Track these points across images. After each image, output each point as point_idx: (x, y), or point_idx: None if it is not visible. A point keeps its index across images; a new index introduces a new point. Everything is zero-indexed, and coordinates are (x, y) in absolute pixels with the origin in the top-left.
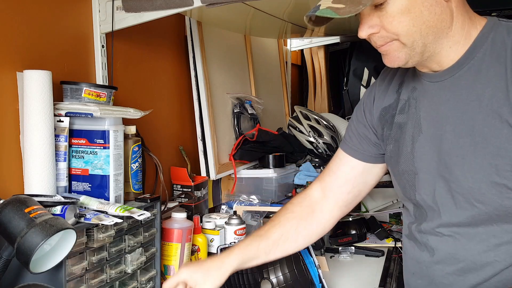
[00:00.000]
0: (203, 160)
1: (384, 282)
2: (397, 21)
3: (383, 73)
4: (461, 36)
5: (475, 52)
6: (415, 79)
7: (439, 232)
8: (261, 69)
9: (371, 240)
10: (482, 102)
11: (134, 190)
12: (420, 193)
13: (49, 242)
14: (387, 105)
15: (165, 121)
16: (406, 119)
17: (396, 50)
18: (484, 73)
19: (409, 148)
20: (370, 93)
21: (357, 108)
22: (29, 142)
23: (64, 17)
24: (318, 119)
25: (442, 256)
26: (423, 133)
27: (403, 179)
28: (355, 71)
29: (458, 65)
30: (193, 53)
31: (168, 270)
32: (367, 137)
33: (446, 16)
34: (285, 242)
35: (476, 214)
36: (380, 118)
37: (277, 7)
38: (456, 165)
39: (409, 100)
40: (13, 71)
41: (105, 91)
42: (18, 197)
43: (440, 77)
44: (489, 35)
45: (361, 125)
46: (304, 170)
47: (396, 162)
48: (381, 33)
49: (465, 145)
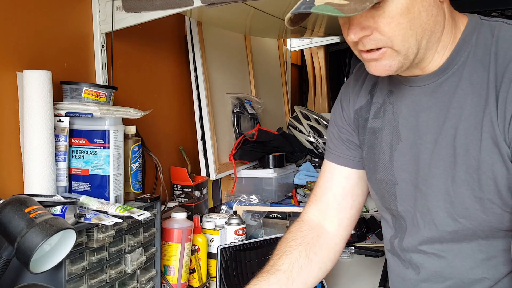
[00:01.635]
0: (203, 160)
1: (384, 282)
2: (395, 22)
3: (358, 70)
4: (449, 40)
5: (459, 55)
6: (391, 82)
7: (422, 249)
8: (261, 69)
9: (371, 240)
10: (464, 110)
11: (134, 190)
12: (402, 204)
13: (49, 242)
14: (359, 107)
15: (165, 121)
16: (382, 124)
17: (388, 58)
18: (467, 79)
19: (387, 156)
20: (346, 93)
21: (334, 111)
22: (29, 142)
23: (64, 17)
24: (318, 119)
25: (428, 274)
26: (402, 141)
27: (381, 189)
28: None
29: (441, 70)
30: (193, 53)
31: (168, 270)
32: (350, 141)
33: (441, 19)
34: (300, 272)
35: (459, 229)
36: (354, 121)
37: (277, 7)
38: (436, 177)
39: (384, 104)
40: (13, 71)
41: (105, 91)
42: (18, 197)
43: (421, 81)
44: (472, 36)
45: (342, 129)
46: (304, 170)
47: (373, 170)
48: (374, 36)
49: (446, 157)
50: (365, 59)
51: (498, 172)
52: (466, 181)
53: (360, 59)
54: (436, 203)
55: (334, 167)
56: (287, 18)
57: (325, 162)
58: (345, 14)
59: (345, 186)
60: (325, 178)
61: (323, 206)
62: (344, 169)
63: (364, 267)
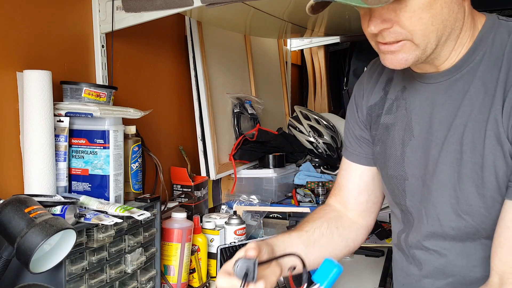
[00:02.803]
0: (203, 160)
1: (384, 282)
2: (417, 17)
3: (372, 67)
4: (467, 38)
5: (475, 54)
6: (405, 78)
7: (425, 246)
8: (261, 69)
9: (371, 240)
10: (474, 108)
11: (134, 190)
12: (411, 200)
13: (49, 242)
14: (373, 103)
15: (165, 121)
16: (394, 120)
17: (407, 51)
18: (480, 78)
19: (398, 152)
20: (359, 90)
21: (349, 108)
22: (29, 142)
23: (64, 17)
24: (318, 119)
25: (430, 270)
26: (415, 137)
27: (391, 184)
28: (355, 71)
29: (456, 67)
30: (193, 53)
31: (168, 270)
32: (364, 138)
33: (461, 16)
34: (321, 237)
35: (463, 226)
36: (367, 117)
37: (277, 7)
38: (442, 173)
39: (397, 100)
40: (13, 71)
41: (105, 91)
42: (18, 197)
43: (435, 78)
44: (489, 35)
45: (356, 126)
46: (304, 170)
47: (384, 165)
48: (394, 29)
49: (453, 153)
50: (382, 51)
51: (500, 169)
52: (471, 178)
53: (376, 50)
54: (441, 199)
55: (349, 164)
56: (308, 5)
57: (342, 159)
58: (369, 5)
59: (360, 183)
60: (342, 176)
61: (341, 199)
62: (358, 167)
63: (364, 267)
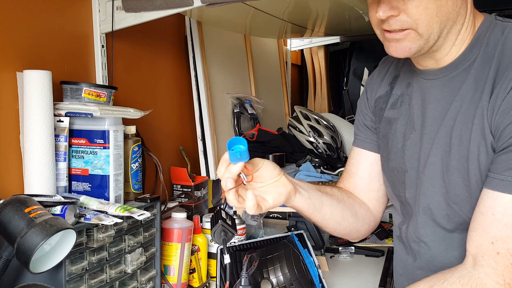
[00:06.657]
0: (203, 160)
1: (384, 282)
2: (423, 6)
3: (383, 62)
4: (467, 35)
5: (472, 53)
6: (410, 75)
7: (418, 237)
8: (261, 69)
9: (371, 240)
10: (464, 104)
11: (134, 190)
12: (410, 191)
13: (49, 242)
14: (379, 96)
15: (165, 121)
16: (397, 115)
17: (410, 40)
18: (473, 75)
19: (399, 145)
20: (370, 83)
21: (360, 101)
22: (29, 142)
23: (64, 17)
24: (318, 119)
25: (423, 262)
26: (416, 131)
27: (392, 176)
28: (355, 71)
29: (453, 65)
30: (193, 53)
31: (168, 270)
32: (374, 128)
33: (463, 11)
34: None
35: (452, 214)
36: (375, 109)
37: (277, 7)
38: (433, 165)
39: (402, 96)
40: (13, 71)
41: (105, 91)
42: (18, 197)
43: (434, 75)
44: (485, 35)
45: (366, 116)
46: (304, 170)
47: (386, 158)
48: (401, 17)
49: (443, 146)
50: (387, 38)
51: (483, 162)
52: (458, 170)
53: (381, 39)
54: (432, 189)
55: (359, 152)
56: None
57: (352, 149)
58: None
59: (371, 171)
60: (351, 165)
61: (351, 185)
62: (369, 154)
63: (364, 267)
